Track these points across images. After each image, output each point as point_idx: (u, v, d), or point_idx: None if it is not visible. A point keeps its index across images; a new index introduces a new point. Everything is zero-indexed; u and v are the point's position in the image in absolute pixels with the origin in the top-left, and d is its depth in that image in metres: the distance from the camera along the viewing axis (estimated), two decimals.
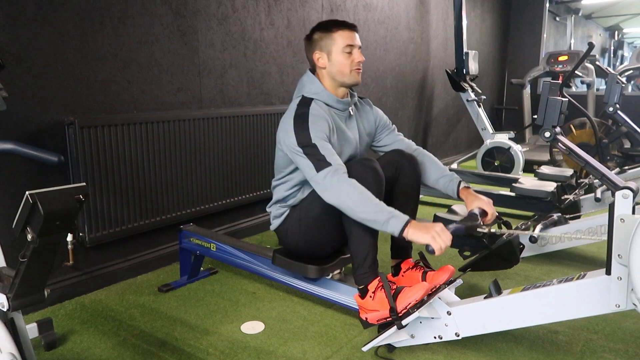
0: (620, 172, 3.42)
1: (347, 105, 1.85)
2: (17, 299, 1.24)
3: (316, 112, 1.73)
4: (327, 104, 1.80)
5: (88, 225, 2.19)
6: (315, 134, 1.67)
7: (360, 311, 1.69)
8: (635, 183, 1.54)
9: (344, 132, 1.83)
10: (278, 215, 1.91)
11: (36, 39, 1.99)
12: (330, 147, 1.68)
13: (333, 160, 1.63)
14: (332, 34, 1.77)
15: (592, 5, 9.12)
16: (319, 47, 1.80)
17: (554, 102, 1.77)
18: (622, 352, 1.78)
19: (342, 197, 1.59)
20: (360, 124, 1.94)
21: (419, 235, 1.53)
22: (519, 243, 2.15)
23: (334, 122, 1.78)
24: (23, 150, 1.47)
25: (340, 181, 1.59)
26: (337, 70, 1.78)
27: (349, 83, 1.81)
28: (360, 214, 1.57)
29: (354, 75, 1.79)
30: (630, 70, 5.64)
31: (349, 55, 1.77)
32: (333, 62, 1.78)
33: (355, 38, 1.79)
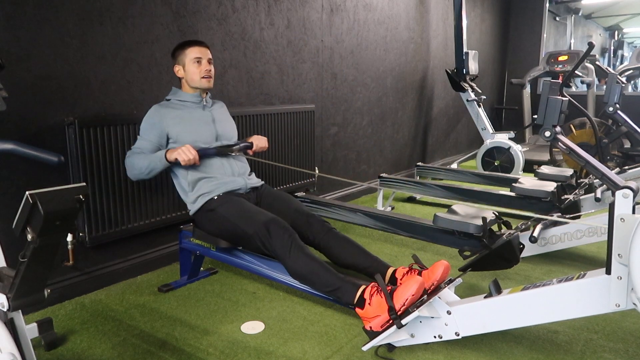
0: (620, 172, 3.42)
1: (199, 97, 2.27)
2: (17, 299, 1.24)
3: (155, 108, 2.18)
4: (182, 100, 2.24)
5: (88, 225, 2.19)
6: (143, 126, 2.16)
7: (364, 322, 1.69)
8: (635, 183, 1.54)
9: (199, 116, 2.25)
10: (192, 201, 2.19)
11: (36, 39, 1.99)
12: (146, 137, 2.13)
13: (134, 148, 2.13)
14: (185, 50, 2.20)
15: (592, 5, 9.12)
16: (177, 61, 2.23)
17: (554, 102, 1.77)
18: (622, 352, 1.78)
19: (133, 169, 2.10)
20: (217, 113, 2.34)
21: (171, 154, 2.04)
22: (519, 243, 2.15)
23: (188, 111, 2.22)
24: (23, 150, 1.47)
25: (129, 159, 2.11)
26: (190, 77, 2.21)
27: (202, 88, 2.24)
28: (145, 170, 2.07)
29: (203, 81, 2.21)
30: (630, 70, 5.64)
31: (198, 65, 2.19)
32: (187, 71, 2.21)
33: (203, 52, 2.20)
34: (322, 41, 3.53)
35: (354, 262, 2.05)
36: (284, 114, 3.16)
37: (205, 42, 2.27)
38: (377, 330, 1.64)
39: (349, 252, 2.08)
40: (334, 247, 2.11)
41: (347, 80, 3.84)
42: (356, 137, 4.07)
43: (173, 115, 2.18)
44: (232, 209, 2.08)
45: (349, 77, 3.86)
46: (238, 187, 2.22)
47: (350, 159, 4.03)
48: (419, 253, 2.78)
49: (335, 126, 3.81)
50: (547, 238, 2.58)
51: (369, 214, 2.70)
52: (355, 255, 2.06)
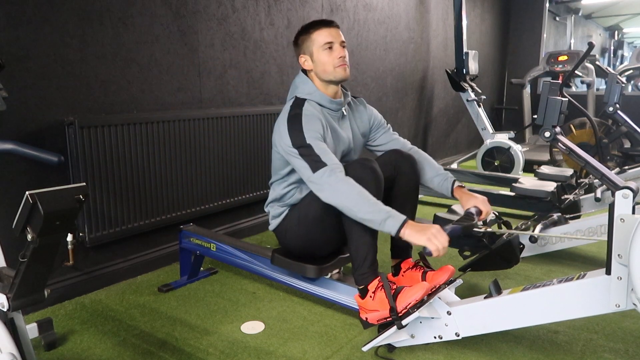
0: (620, 172, 3.42)
1: (339, 105, 1.86)
2: (17, 299, 1.24)
3: (309, 112, 1.74)
4: (320, 104, 1.81)
5: (88, 225, 2.19)
6: (310, 134, 1.68)
7: (361, 311, 1.69)
8: (635, 183, 1.54)
9: (337, 132, 1.83)
10: (277, 215, 1.91)
11: (36, 39, 1.99)
12: (325, 147, 1.68)
13: (329, 160, 1.63)
14: (311, 35, 1.79)
15: (592, 5, 9.12)
16: (302, 50, 1.83)
17: (554, 102, 1.77)
18: (622, 352, 1.78)
19: (339, 197, 1.59)
20: (354, 123, 1.95)
21: (416, 236, 1.53)
22: (519, 243, 2.15)
23: (327, 123, 1.78)
24: (23, 150, 1.47)
25: (337, 180, 1.59)
26: (321, 69, 1.79)
27: (336, 80, 1.81)
28: (358, 213, 1.57)
29: (338, 71, 1.79)
30: (630, 70, 5.65)
31: (329, 51, 1.78)
32: (316, 62, 1.80)
33: (333, 34, 1.79)
34: None
35: None
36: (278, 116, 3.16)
37: (334, 21, 1.84)
38: (372, 322, 1.65)
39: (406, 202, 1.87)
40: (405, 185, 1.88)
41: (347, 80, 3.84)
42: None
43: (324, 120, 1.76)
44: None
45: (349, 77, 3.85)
46: None
47: None
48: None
49: None
50: (547, 238, 2.57)
51: None
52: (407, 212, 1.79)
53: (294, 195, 1.86)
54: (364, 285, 1.70)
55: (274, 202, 1.92)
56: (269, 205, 1.95)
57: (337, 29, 1.81)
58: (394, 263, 1.99)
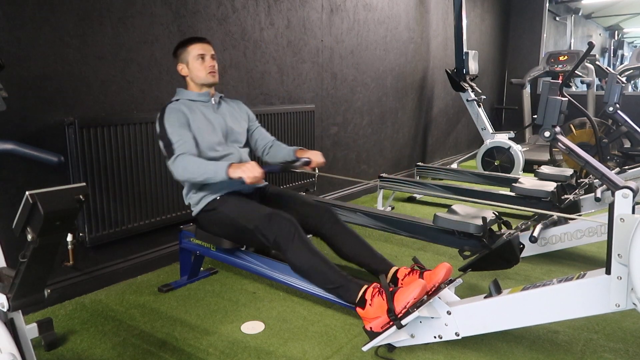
0: (620, 172, 3.42)
1: (207, 97, 2.18)
2: (17, 299, 1.24)
3: (172, 106, 2.07)
4: (191, 99, 2.16)
5: (88, 225, 2.19)
6: (169, 124, 2.02)
7: (364, 322, 1.69)
8: (635, 183, 1.54)
9: (210, 117, 2.14)
10: (196, 202, 2.15)
11: (36, 39, 1.99)
12: (183, 136, 2.00)
13: (179, 147, 1.97)
14: (187, 48, 2.14)
15: (592, 5, 9.12)
16: (180, 60, 2.16)
17: (554, 102, 1.77)
18: (622, 352, 1.78)
19: (184, 172, 1.96)
20: (231, 112, 2.27)
21: (235, 171, 1.89)
22: (519, 243, 2.15)
23: (199, 111, 2.11)
24: (23, 151, 1.47)
25: (182, 160, 1.95)
26: (195, 75, 2.14)
27: (207, 83, 2.16)
28: (200, 177, 1.95)
29: (209, 77, 2.14)
30: (630, 70, 5.64)
31: (202, 61, 2.13)
32: (191, 69, 2.14)
33: (205, 48, 2.14)
34: (322, 41, 3.53)
35: (359, 257, 2.04)
36: (284, 114, 3.16)
37: (206, 37, 2.20)
38: (377, 330, 1.64)
39: (354, 247, 2.06)
40: (339, 238, 2.08)
41: (347, 80, 3.84)
42: (356, 137, 4.07)
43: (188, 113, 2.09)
44: (233, 207, 2.07)
45: (349, 77, 3.86)
46: (242, 187, 2.19)
47: (350, 158, 4.03)
48: (419, 253, 2.78)
49: (335, 126, 3.81)
50: (547, 238, 2.58)
51: (369, 214, 2.70)
52: (360, 250, 2.04)
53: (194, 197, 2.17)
54: (357, 297, 1.71)
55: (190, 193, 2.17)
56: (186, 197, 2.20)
57: (208, 44, 2.17)
58: (389, 277, 1.96)
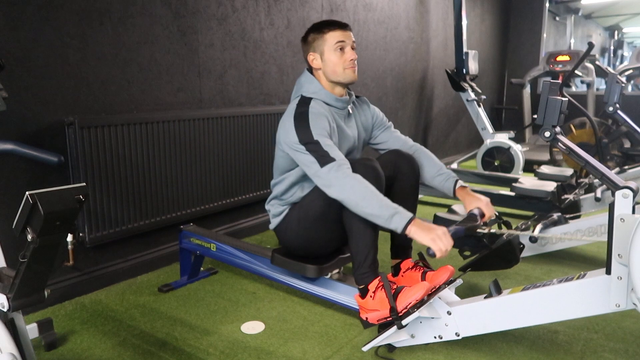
0: (620, 172, 3.42)
1: (345, 104, 1.86)
2: (17, 299, 1.24)
3: (316, 110, 1.74)
4: (326, 103, 1.81)
5: (88, 225, 2.19)
6: (317, 131, 1.68)
7: (361, 311, 1.69)
8: (635, 183, 1.54)
9: (343, 130, 1.84)
10: (277, 213, 1.90)
11: (36, 39, 1.99)
12: (332, 144, 1.68)
13: (336, 156, 1.63)
14: (324, 35, 1.79)
15: (592, 5, 9.12)
16: (312, 48, 1.82)
17: (554, 102, 1.77)
18: (622, 352, 1.78)
19: (347, 192, 1.58)
20: (359, 122, 1.96)
21: (421, 235, 1.54)
22: (519, 243, 2.15)
23: (333, 121, 1.79)
24: (23, 151, 1.47)
25: (345, 176, 1.59)
26: (331, 69, 1.79)
27: (344, 81, 1.82)
28: (365, 209, 1.57)
29: (348, 73, 1.80)
30: (630, 69, 5.64)
31: (341, 53, 1.78)
32: (326, 61, 1.80)
33: (346, 36, 1.80)
34: None
35: None
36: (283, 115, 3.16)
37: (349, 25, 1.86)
38: (372, 322, 1.65)
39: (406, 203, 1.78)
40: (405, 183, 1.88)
41: None
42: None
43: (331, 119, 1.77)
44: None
45: None
46: None
47: None
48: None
49: None
50: (547, 238, 2.57)
51: None
52: None
53: (295, 193, 1.86)
54: (364, 285, 1.70)
55: (275, 200, 1.92)
56: (269, 203, 1.95)
57: (350, 32, 1.82)
58: (394, 263, 1.99)
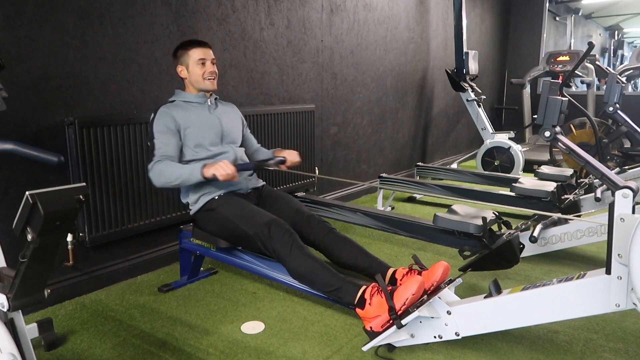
0: (620, 172, 3.42)
1: (204, 98, 2.23)
2: (17, 299, 1.24)
3: (163, 110, 2.12)
4: (187, 101, 2.21)
5: (88, 225, 2.19)
6: (157, 129, 2.07)
7: (364, 322, 1.69)
8: (635, 183, 1.54)
9: (204, 119, 2.19)
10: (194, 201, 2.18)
11: (36, 39, 1.99)
12: (166, 141, 2.06)
13: (158, 153, 2.03)
14: (188, 51, 2.16)
15: (592, 5, 9.12)
16: (180, 62, 2.19)
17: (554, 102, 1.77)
18: (623, 352, 1.78)
19: (161, 177, 2.00)
20: (226, 114, 2.30)
21: (208, 171, 1.95)
22: (519, 243, 2.15)
23: (194, 111, 2.17)
24: (23, 151, 1.47)
25: (158, 165, 2.01)
26: (194, 79, 2.18)
27: (206, 89, 2.21)
28: (175, 181, 2.00)
29: (207, 83, 2.18)
30: (630, 69, 5.64)
31: (202, 66, 2.16)
32: (191, 73, 2.17)
33: (206, 53, 2.17)
34: (322, 41, 3.53)
35: (355, 262, 2.05)
36: (284, 114, 3.16)
37: (207, 42, 2.23)
38: (377, 330, 1.64)
39: (349, 253, 2.07)
40: (334, 247, 2.10)
41: (347, 80, 3.84)
42: (356, 137, 4.07)
43: (181, 114, 2.14)
44: (232, 209, 2.08)
45: (349, 77, 3.86)
46: (239, 187, 2.22)
47: (350, 159, 4.03)
48: (419, 253, 2.78)
49: (335, 126, 3.81)
50: (547, 238, 2.58)
51: (369, 214, 2.70)
52: (355, 255, 2.06)
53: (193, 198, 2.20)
54: (356, 297, 1.71)
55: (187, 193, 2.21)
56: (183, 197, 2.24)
57: (209, 49, 2.19)
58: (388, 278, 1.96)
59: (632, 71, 5.65)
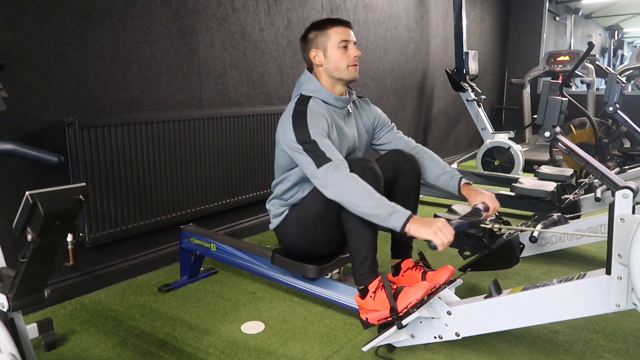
0: (620, 172, 3.42)
1: (345, 103, 1.85)
2: (17, 299, 1.24)
3: (314, 109, 1.73)
4: (325, 102, 1.80)
5: (88, 225, 2.19)
6: (314, 131, 1.67)
7: (361, 311, 1.69)
8: (635, 183, 1.54)
9: (342, 130, 1.82)
10: (278, 214, 1.90)
11: (36, 39, 1.99)
12: (329, 143, 1.67)
13: (333, 156, 1.62)
14: (327, 31, 1.78)
15: (592, 5, 9.11)
16: (314, 45, 1.81)
17: (554, 102, 1.77)
18: (623, 352, 1.78)
19: (344, 192, 1.57)
20: (360, 122, 1.94)
21: (421, 230, 1.51)
22: (519, 243, 2.15)
23: (332, 120, 1.78)
24: (23, 151, 1.47)
25: (341, 176, 1.58)
26: (334, 66, 1.79)
27: (347, 79, 1.82)
28: (363, 209, 1.56)
29: (350, 70, 1.79)
30: (630, 69, 5.65)
31: (344, 50, 1.78)
32: (329, 58, 1.79)
33: (349, 34, 1.80)
34: None
35: None
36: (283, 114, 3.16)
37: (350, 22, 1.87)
38: (372, 322, 1.64)
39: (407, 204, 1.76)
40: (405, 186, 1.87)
41: None
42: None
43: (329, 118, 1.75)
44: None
45: None
46: None
47: None
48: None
49: None
50: (547, 238, 2.58)
51: None
52: None
53: (296, 194, 1.85)
54: (364, 285, 1.70)
55: (276, 200, 1.92)
56: (270, 203, 1.94)
57: (351, 30, 1.82)
58: (394, 263, 1.99)
59: (632, 71, 5.66)
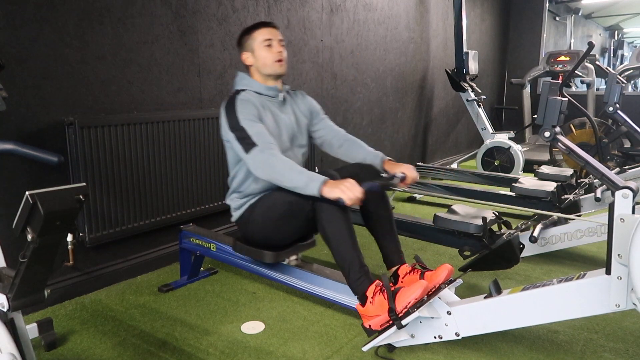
0: (620, 172, 3.42)
1: (276, 91, 1.97)
2: (17, 299, 1.24)
3: (243, 97, 1.87)
4: (258, 93, 1.94)
5: (88, 225, 2.19)
6: (243, 116, 1.81)
7: (363, 319, 1.68)
8: (635, 183, 1.54)
9: (278, 117, 1.94)
10: (237, 207, 1.99)
11: (36, 39, 1.99)
12: (260, 129, 1.80)
13: (260, 140, 1.76)
14: (253, 34, 1.94)
15: (592, 5, 9.11)
16: (244, 48, 1.97)
17: (554, 102, 1.77)
18: (622, 352, 1.78)
19: (270, 171, 1.74)
20: (297, 108, 2.07)
21: (331, 191, 1.64)
22: (519, 243, 2.15)
23: (266, 107, 1.90)
24: (23, 151, 1.47)
25: (267, 157, 1.74)
26: (262, 63, 1.93)
27: (274, 74, 1.95)
28: (288, 182, 1.72)
29: (276, 65, 1.93)
30: (630, 69, 5.64)
31: (269, 48, 1.92)
32: (257, 57, 1.93)
33: (273, 33, 1.94)
34: (322, 41, 3.53)
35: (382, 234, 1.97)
36: None
37: (273, 22, 2.01)
38: (376, 328, 1.64)
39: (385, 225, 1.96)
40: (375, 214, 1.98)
41: (347, 80, 3.84)
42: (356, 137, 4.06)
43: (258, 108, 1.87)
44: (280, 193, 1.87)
45: (349, 77, 3.86)
46: None
47: None
48: (419, 253, 2.78)
49: None
50: (547, 238, 2.58)
51: None
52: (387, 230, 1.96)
53: (250, 185, 1.94)
54: (362, 292, 1.70)
55: (234, 195, 2.00)
56: (229, 198, 2.02)
57: (275, 29, 1.96)
58: (391, 272, 1.97)
59: (632, 71, 5.65)
